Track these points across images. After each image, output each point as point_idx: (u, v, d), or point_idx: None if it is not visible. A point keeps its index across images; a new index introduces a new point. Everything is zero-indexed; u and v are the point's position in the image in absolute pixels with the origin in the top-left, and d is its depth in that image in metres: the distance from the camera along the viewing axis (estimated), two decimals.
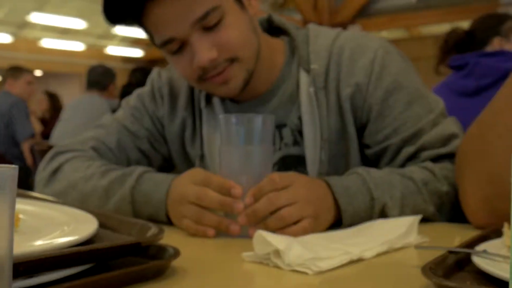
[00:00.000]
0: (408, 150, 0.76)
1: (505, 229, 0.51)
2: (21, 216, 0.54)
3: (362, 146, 0.81)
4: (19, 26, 8.90)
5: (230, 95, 0.80)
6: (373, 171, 0.71)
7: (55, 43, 9.16)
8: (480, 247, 0.48)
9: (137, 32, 9.01)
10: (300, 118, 0.80)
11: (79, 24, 7.79)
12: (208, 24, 0.72)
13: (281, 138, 0.83)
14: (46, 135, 3.91)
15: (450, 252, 0.47)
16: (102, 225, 0.56)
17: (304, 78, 0.81)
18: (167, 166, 0.93)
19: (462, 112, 0.95)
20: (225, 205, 0.64)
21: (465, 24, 1.79)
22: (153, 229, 0.53)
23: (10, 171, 0.32)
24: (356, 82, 0.77)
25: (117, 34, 9.70)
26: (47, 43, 9.09)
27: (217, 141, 0.82)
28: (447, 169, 0.73)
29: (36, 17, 7.36)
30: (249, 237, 0.61)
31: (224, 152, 0.66)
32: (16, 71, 3.53)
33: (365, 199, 0.68)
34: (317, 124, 0.78)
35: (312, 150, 0.79)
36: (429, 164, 0.74)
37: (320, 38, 0.82)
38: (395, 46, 0.83)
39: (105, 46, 10.06)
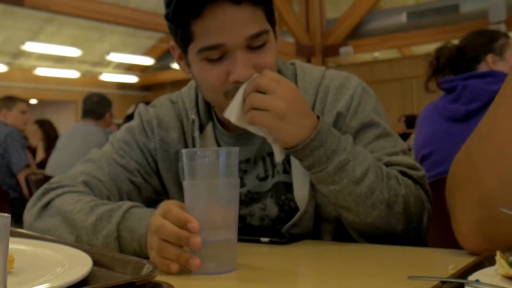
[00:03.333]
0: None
1: (498, 257, 0.51)
2: (15, 256, 0.54)
3: None
4: (14, 55, 8.97)
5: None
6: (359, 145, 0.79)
7: (50, 71, 9.22)
8: (473, 276, 0.48)
9: (131, 59, 9.10)
10: None
11: (73, 52, 7.86)
12: (255, 44, 0.77)
13: (274, 166, 0.88)
14: (42, 164, 3.89)
15: (443, 282, 0.47)
16: (96, 263, 0.56)
17: None
18: (157, 199, 0.93)
19: (454, 137, 0.95)
20: (182, 239, 0.62)
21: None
22: (147, 266, 0.53)
23: (3, 220, 0.32)
24: (337, 111, 0.85)
25: (111, 61, 9.79)
26: (42, 71, 9.15)
27: None
28: (409, 184, 0.79)
29: (30, 46, 7.42)
30: (210, 273, 0.61)
31: (188, 186, 0.64)
32: (9, 101, 3.53)
33: (336, 142, 0.74)
34: None
35: (300, 176, 0.84)
36: (394, 171, 0.79)
37: (307, 76, 0.89)
38: (371, 89, 0.91)
39: (100, 73, 10.13)
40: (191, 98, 0.92)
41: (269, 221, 0.88)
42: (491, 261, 0.53)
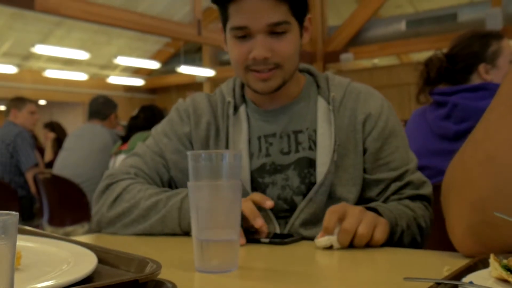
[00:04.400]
0: (397, 184, 0.96)
1: (492, 260, 0.52)
2: (22, 253, 0.56)
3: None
4: (24, 57, 9.07)
5: (264, 91, 0.97)
6: (386, 205, 0.90)
7: (59, 73, 9.29)
8: (467, 279, 0.49)
9: (138, 62, 9.17)
10: (315, 131, 0.98)
11: (82, 55, 7.92)
12: (275, 30, 0.92)
13: (298, 142, 0.99)
14: (50, 164, 3.93)
15: (438, 283, 0.49)
16: (101, 260, 0.58)
17: (321, 102, 1.00)
18: None
19: (444, 156, 0.95)
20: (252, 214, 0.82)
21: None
22: (150, 264, 0.54)
23: (12, 218, 0.34)
24: (369, 112, 0.97)
25: (118, 64, 9.86)
26: (51, 73, 9.23)
27: (243, 140, 1.01)
28: (421, 209, 0.94)
29: (40, 49, 7.49)
30: (213, 272, 0.64)
31: (192, 187, 0.65)
32: (19, 101, 3.58)
33: (392, 223, 0.84)
34: (332, 132, 0.96)
35: (324, 154, 0.96)
36: (410, 204, 0.93)
37: (337, 80, 1.04)
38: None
39: (107, 76, 10.20)
40: (229, 87, 1.06)
41: (289, 189, 0.98)
42: (485, 264, 0.54)
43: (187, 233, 0.89)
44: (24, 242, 0.64)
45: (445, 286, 0.48)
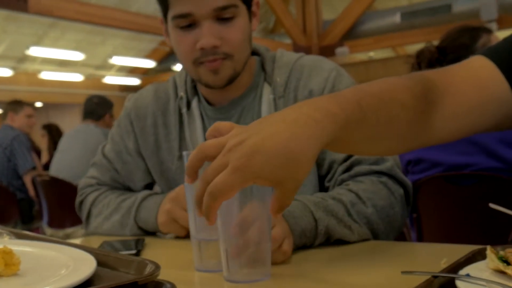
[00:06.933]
0: (345, 164, 0.84)
1: (489, 251, 0.52)
2: (21, 258, 0.56)
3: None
4: (19, 60, 9.03)
5: (216, 84, 0.88)
6: (308, 196, 0.76)
7: (54, 75, 9.28)
8: (464, 271, 0.49)
9: (133, 62, 9.16)
10: None
11: (77, 56, 7.91)
12: (222, 16, 0.83)
13: None
14: (46, 166, 3.93)
15: (435, 276, 0.49)
16: (100, 263, 0.58)
17: (266, 89, 0.92)
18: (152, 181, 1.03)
19: (438, 147, 0.91)
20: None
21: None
22: (149, 266, 0.55)
23: None
24: (311, 89, 0.88)
25: (114, 64, 9.83)
26: (47, 75, 9.22)
27: (199, 139, 0.93)
28: (370, 191, 0.78)
29: (35, 51, 7.48)
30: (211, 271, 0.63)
31: (188, 188, 0.65)
32: (16, 105, 3.59)
33: (309, 220, 0.72)
34: None
35: None
36: (353, 187, 0.79)
37: (285, 58, 0.93)
38: (345, 71, 0.93)
39: (103, 76, 10.19)
40: (181, 78, 0.97)
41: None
42: (483, 255, 0.54)
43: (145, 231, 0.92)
44: (23, 247, 0.64)
45: (442, 279, 0.49)
